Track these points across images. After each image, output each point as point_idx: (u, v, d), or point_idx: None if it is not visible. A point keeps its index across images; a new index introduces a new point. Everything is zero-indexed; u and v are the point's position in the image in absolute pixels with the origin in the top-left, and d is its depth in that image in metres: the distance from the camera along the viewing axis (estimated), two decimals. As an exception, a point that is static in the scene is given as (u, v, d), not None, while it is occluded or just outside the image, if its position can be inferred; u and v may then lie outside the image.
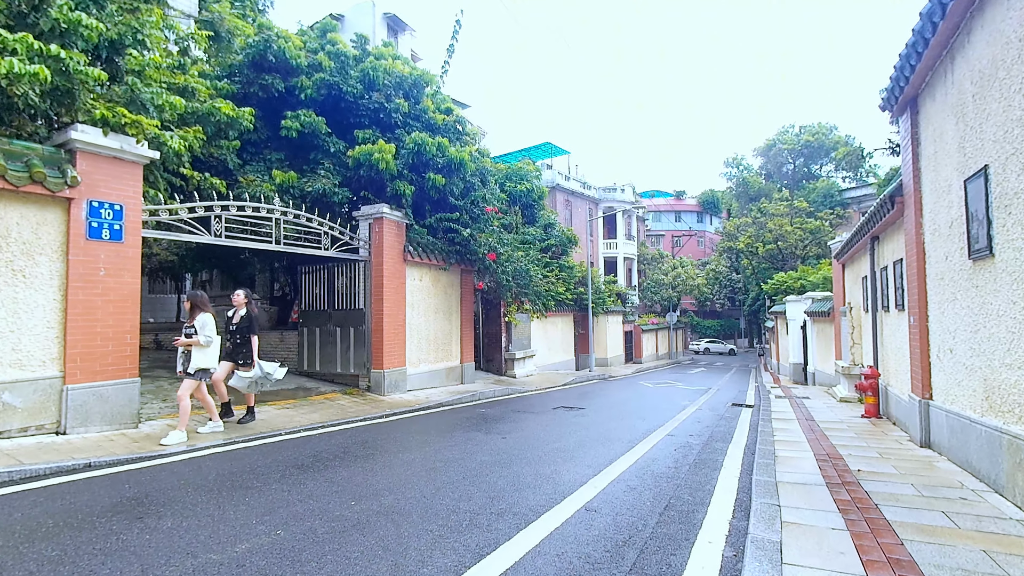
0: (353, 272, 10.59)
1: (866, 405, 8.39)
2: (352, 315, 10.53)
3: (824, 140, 54.06)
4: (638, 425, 8.34)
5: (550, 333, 20.45)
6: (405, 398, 10.15)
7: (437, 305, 12.09)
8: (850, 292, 12.44)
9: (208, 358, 6.07)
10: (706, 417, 9.53)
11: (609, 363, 27.32)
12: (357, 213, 10.50)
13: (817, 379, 16.64)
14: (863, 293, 10.40)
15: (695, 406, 11.38)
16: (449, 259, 11.96)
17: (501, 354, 16.67)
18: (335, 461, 5.42)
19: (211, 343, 6.03)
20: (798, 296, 20.36)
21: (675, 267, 42.88)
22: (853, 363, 11.06)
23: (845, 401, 10.94)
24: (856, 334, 11.06)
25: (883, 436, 6.68)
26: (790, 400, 11.55)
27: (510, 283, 12.48)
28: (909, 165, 6.04)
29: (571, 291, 21.40)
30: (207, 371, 6.13)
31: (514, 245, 12.87)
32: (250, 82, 10.43)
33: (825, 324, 15.59)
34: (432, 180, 10.62)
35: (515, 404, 10.75)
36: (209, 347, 6.04)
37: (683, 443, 6.86)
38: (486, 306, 17.07)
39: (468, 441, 6.67)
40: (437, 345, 12.03)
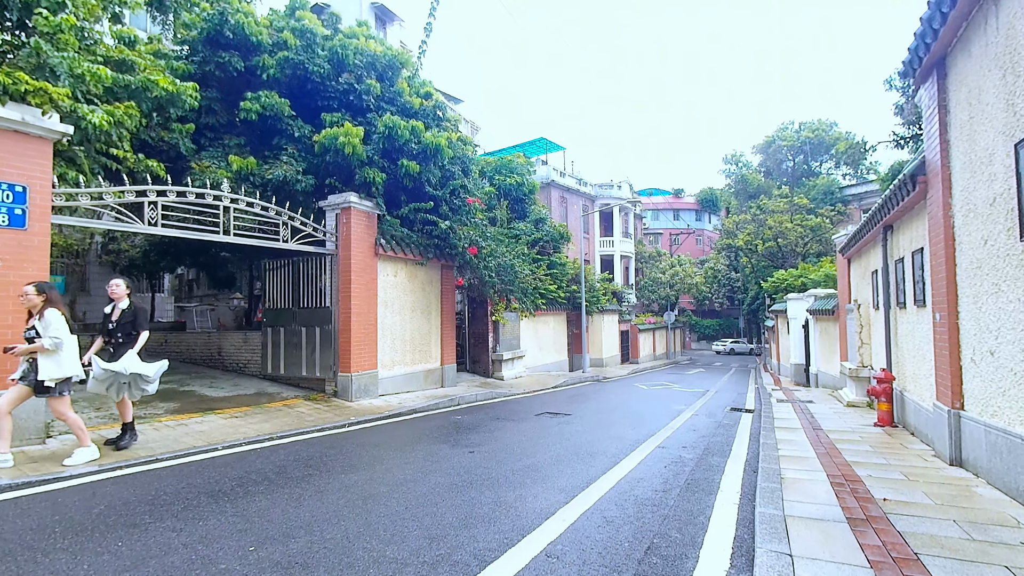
0: (320, 267, 9.75)
1: (879, 412, 7.57)
2: (318, 314, 9.69)
3: (824, 137, 53.25)
4: (627, 434, 7.51)
5: (541, 333, 19.62)
6: (375, 404, 9.32)
7: (414, 303, 11.25)
8: (857, 288, 11.62)
9: (61, 365, 4.88)
10: (702, 424, 8.70)
11: (604, 364, 26.49)
12: (323, 203, 9.66)
13: (820, 381, 15.83)
14: (873, 289, 9.58)
15: (691, 411, 10.56)
16: (427, 253, 11.12)
17: (488, 355, 15.83)
18: (261, 486, 4.58)
19: (60, 345, 4.83)
20: (800, 294, 19.55)
21: (673, 265, 42.05)
22: (861, 365, 10.24)
23: (853, 406, 10.12)
24: (865, 333, 10.25)
25: (903, 450, 5.86)
26: (793, 405, 10.73)
27: (493, 279, 11.64)
28: (935, 138, 5.21)
29: (563, 289, 20.57)
30: (68, 381, 5.00)
31: (498, 239, 12.03)
32: (206, 60, 9.58)
33: (829, 323, 14.77)
34: (405, 167, 9.77)
35: (496, 410, 9.92)
36: (59, 351, 4.85)
37: (675, 457, 6.03)
38: (472, 305, 16.24)
39: (428, 457, 5.84)
40: (414, 346, 11.19)
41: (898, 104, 21.65)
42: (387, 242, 10.22)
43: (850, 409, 9.78)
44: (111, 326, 5.56)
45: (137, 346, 5.50)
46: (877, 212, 7.95)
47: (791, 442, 6.46)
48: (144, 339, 5.62)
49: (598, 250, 39.92)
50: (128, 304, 5.66)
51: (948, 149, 5.06)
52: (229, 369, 11.01)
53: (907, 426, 7.16)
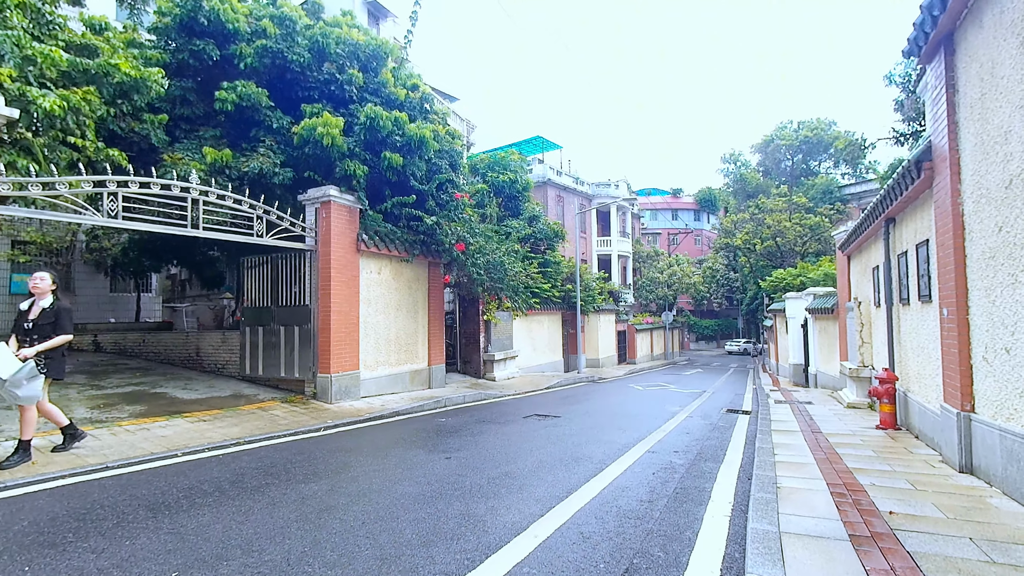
0: (299, 264, 9.37)
1: (881, 414, 7.20)
2: (298, 312, 9.31)
3: (823, 136, 53.00)
4: (616, 438, 7.14)
5: (535, 333, 19.25)
6: (356, 406, 8.93)
7: (399, 301, 10.87)
8: (857, 286, 11.27)
9: None
10: (696, 427, 8.33)
11: (601, 364, 26.13)
12: (302, 197, 9.28)
13: (819, 381, 15.46)
14: (874, 286, 9.22)
15: (685, 412, 10.19)
16: (413, 250, 10.74)
17: (479, 355, 15.45)
18: (210, 497, 4.20)
19: None
20: (798, 292, 19.20)
21: (671, 265, 41.70)
22: (862, 364, 9.87)
23: (853, 407, 9.75)
24: (865, 332, 9.89)
25: (908, 455, 5.49)
26: (791, 406, 10.36)
27: (482, 276, 11.27)
28: (943, 120, 4.85)
29: (558, 288, 20.20)
30: None
31: (487, 235, 11.65)
32: (180, 48, 9.21)
33: (828, 322, 14.41)
34: (388, 160, 9.40)
35: (483, 412, 9.54)
36: None
37: (665, 464, 5.66)
38: (464, 304, 15.87)
39: (401, 463, 5.46)
40: (399, 346, 10.81)
41: (898, 100, 21.32)
42: (370, 238, 9.85)
43: (851, 411, 9.42)
44: (27, 325, 4.95)
45: (37, 348, 4.85)
46: (878, 204, 7.59)
47: (789, 446, 6.08)
48: (58, 342, 4.98)
49: (595, 249, 39.57)
50: (51, 302, 5.05)
51: (957, 131, 4.69)
52: (207, 370, 10.63)
53: (911, 429, 6.79)
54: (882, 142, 23.03)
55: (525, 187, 19.71)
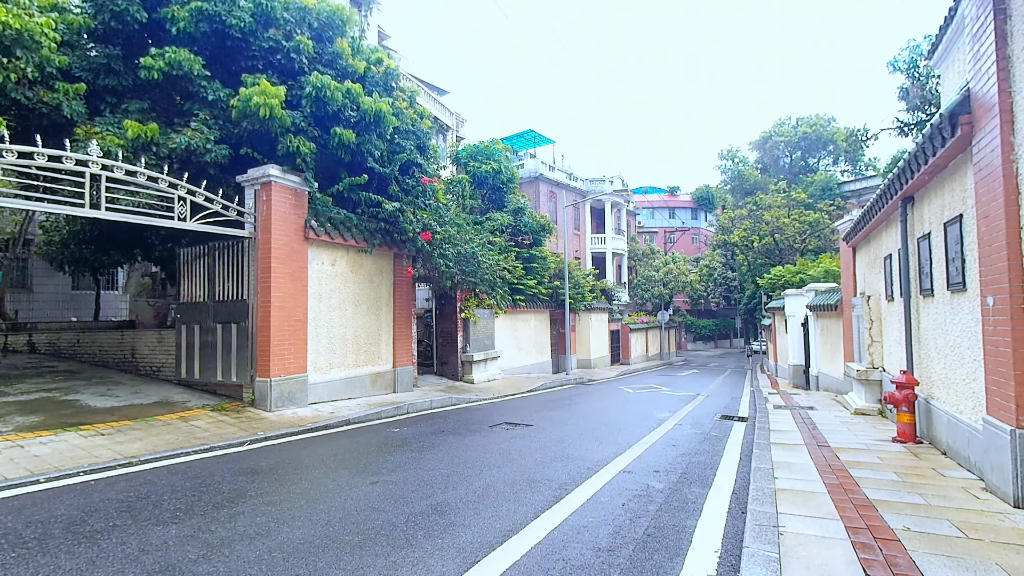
0: (239, 254, 8.31)
1: (899, 424, 6.16)
2: (235, 308, 8.24)
3: (822, 132, 52.07)
4: (589, 453, 6.09)
5: (521, 332, 18.20)
6: (300, 414, 7.87)
7: (358, 296, 9.80)
8: (865, 279, 10.24)
9: None
10: (685, 438, 7.28)
11: (593, 365, 25.09)
12: (241, 178, 8.22)
13: (821, 383, 14.44)
14: (886, 278, 8.19)
15: (675, 419, 9.15)
16: (373, 239, 9.68)
17: (457, 356, 14.39)
18: (18, 550, 3.14)
19: None
20: (798, 289, 18.18)
21: (667, 263, 40.68)
22: (871, 366, 8.84)
23: (861, 414, 8.71)
24: (875, 330, 8.85)
25: (940, 480, 4.45)
26: (792, 412, 9.33)
27: (451, 269, 10.20)
28: (989, 58, 3.81)
29: (545, 285, 19.15)
30: None
31: (457, 224, 10.58)
32: (102, 8, 8.14)
33: (831, 319, 13.39)
34: (339, 136, 8.33)
35: (447, 420, 8.49)
36: None
37: (640, 490, 4.61)
38: (440, 301, 14.81)
39: (310, 492, 4.40)
40: (358, 346, 9.75)
41: (902, 88, 20.31)
42: (321, 225, 8.78)
43: (859, 418, 8.38)
44: None
45: None
46: (894, 182, 6.55)
47: (791, 466, 5.04)
48: None
49: (589, 247, 38.51)
50: None
51: (1009, 68, 3.65)
52: (143, 373, 9.55)
53: (936, 443, 5.75)
54: (885, 133, 22.06)
55: (510, 178, 18.66)
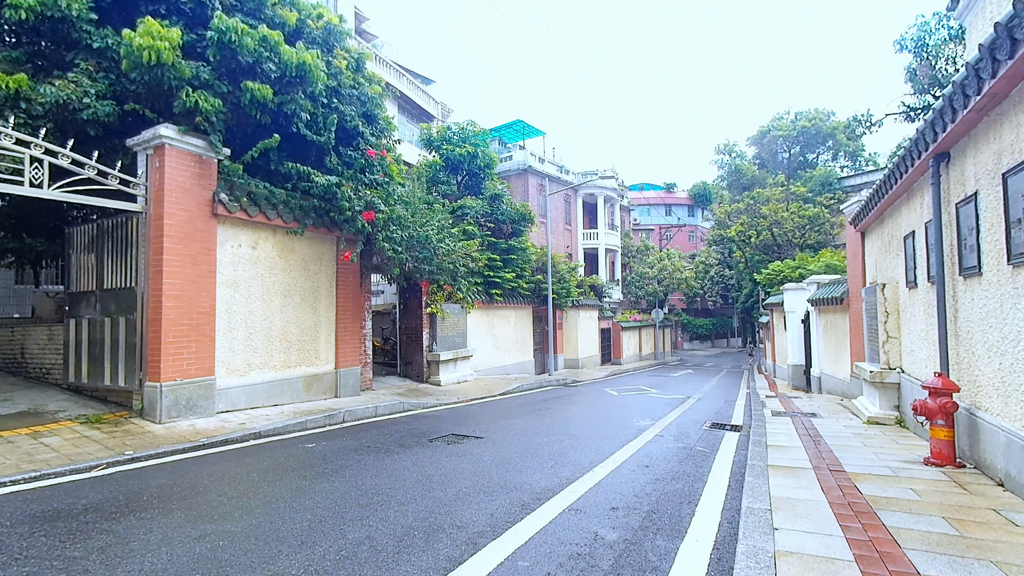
0: (128, 232, 6.92)
1: (932, 442, 4.80)
2: (123, 298, 6.86)
3: (821, 126, 50.83)
4: (536, 478, 4.73)
5: (499, 329, 16.81)
6: (200, 426, 6.48)
7: (289, 285, 8.42)
8: (877, 267, 8.89)
9: None
10: (664, 455, 5.92)
11: (581, 365, 23.74)
12: (131, 141, 6.83)
13: (824, 385, 13.10)
14: (906, 261, 6.83)
15: (657, 428, 7.80)
16: (305, 218, 8.30)
17: (422, 355, 13.01)
18: None
19: None
20: (798, 283, 16.83)
21: (661, 259, 39.31)
22: (886, 366, 7.49)
23: (876, 423, 7.36)
24: (891, 324, 7.50)
25: (1013, 531, 3.09)
26: (793, 420, 7.97)
27: (399, 255, 8.80)
28: None
29: (526, 279, 17.78)
30: None
31: (407, 203, 9.18)
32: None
33: (836, 314, 12.04)
34: (251, 93, 6.94)
35: (385, 431, 7.11)
36: None
37: (582, 543, 3.24)
38: (405, 294, 13.43)
39: (82, 560, 3.02)
40: (288, 344, 8.36)
41: (909, 68, 18.97)
42: (234, 199, 7.39)
43: (873, 428, 7.02)
44: None
45: None
46: (922, 137, 5.20)
47: (796, 505, 3.68)
48: None
49: (581, 243, 37.14)
50: None
51: None
52: (32, 376, 8.15)
53: (984, 467, 4.39)
54: (890, 119, 20.78)
55: (488, 164, 17.29)
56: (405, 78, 27.48)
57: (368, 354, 11.00)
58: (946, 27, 17.90)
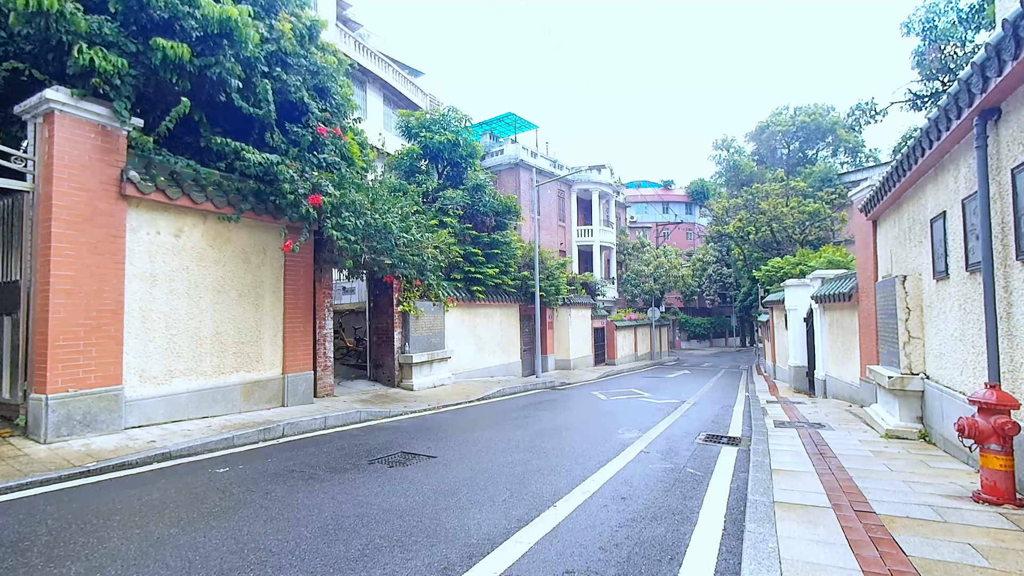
0: (15, 215, 5.87)
1: (984, 472, 3.77)
2: (7, 293, 5.81)
3: (821, 122, 49.92)
4: (479, 520, 3.71)
5: (481, 329, 15.77)
6: (97, 446, 5.44)
7: (223, 280, 7.37)
8: (893, 257, 7.86)
9: None
10: (647, 480, 4.89)
11: (573, 366, 22.72)
12: (19, 108, 5.78)
13: (830, 389, 12.09)
14: (934, 248, 5.81)
15: (644, 441, 6.78)
16: (241, 203, 7.26)
17: (394, 357, 11.97)
18: None
19: None
20: (800, 279, 15.83)
21: (658, 256, 38.28)
22: (908, 371, 6.47)
23: (896, 437, 6.35)
24: (913, 321, 6.47)
25: None
26: (799, 433, 6.94)
27: (353, 245, 7.76)
28: None
29: (511, 275, 16.74)
30: None
31: (362, 186, 8.11)
32: None
33: (843, 312, 11.03)
34: (164, 52, 5.89)
35: (322, 449, 6.08)
36: None
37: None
38: (375, 291, 12.39)
39: None
40: (222, 346, 7.32)
41: (917, 51, 17.97)
42: (149, 178, 6.33)
43: (895, 445, 6.00)
44: None
45: None
46: (964, 90, 4.18)
47: (818, 572, 2.65)
48: None
49: (575, 240, 36.09)
50: None
51: None
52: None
53: (1056, 510, 3.37)
54: (895, 107, 19.81)
55: (471, 153, 16.24)
56: (391, 68, 26.46)
57: (329, 357, 9.97)
58: (955, 9, 16.89)
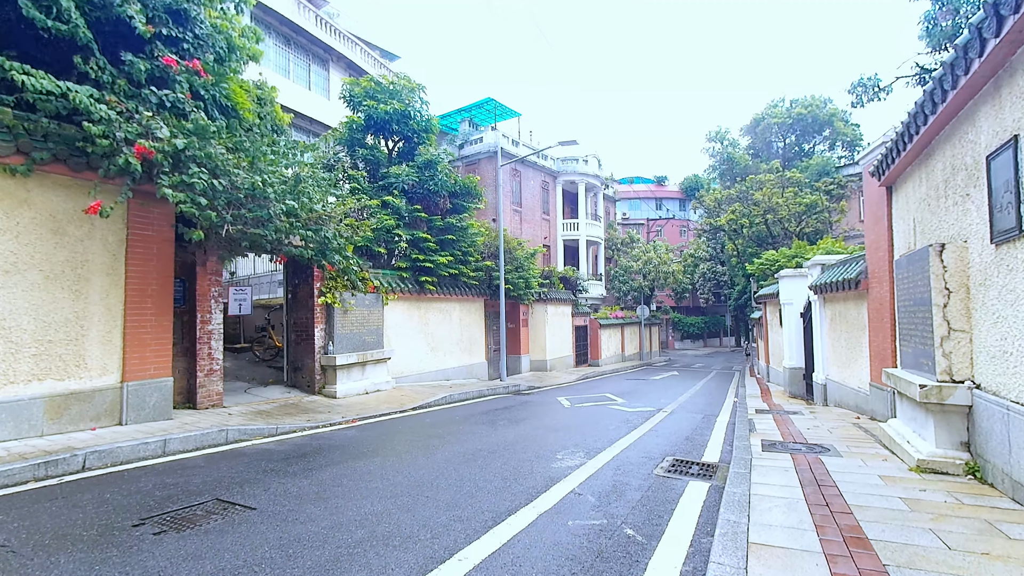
0: None
1: None
2: None
3: (818, 113, 48.28)
4: None
5: (435, 326, 13.85)
6: None
7: (15, 256, 5.44)
8: (919, 227, 5.98)
9: None
10: (553, 552, 2.98)
11: (550, 367, 20.84)
12: None
13: (831, 395, 10.23)
14: (995, 198, 3.94)
15: (584, 473, 4.92)
16: (39, 151, 5.33)
17: (314, 358, 10.04)
18: None
19: None
20: (796, 269, 13.97)
21: (647, 252, 36.40)
22: (948, 376, 4.59)
23: (932, 471, 4.48)
24: (956, 308, 4.60)
25: None
26: (795, 460, 5.07)
27: (206, 211, 5.81)
28: None
29: (471, 266, 14.82)
30: None
31: (203, 131, 6.11)
32: None
33: (848, 303, 9.17)
34: None
35: (104, 495, 4.19)
36: None
37: None
38: (294, 279, 10.46)
39: None
40: (14, 347, 5.39)
41: (927, 16, 16.16)
42: None
43: (933, 484, 4.11)
44: None
45: None
46: None
47: None
48: None
49: (560, 234, 34.21)
50: None
51: None
52: None
53: None
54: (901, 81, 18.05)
55: (426, 128, 14.32)
56: (359, 48, 24.62)
57: (216, 359, 8.06)
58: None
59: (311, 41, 21.46)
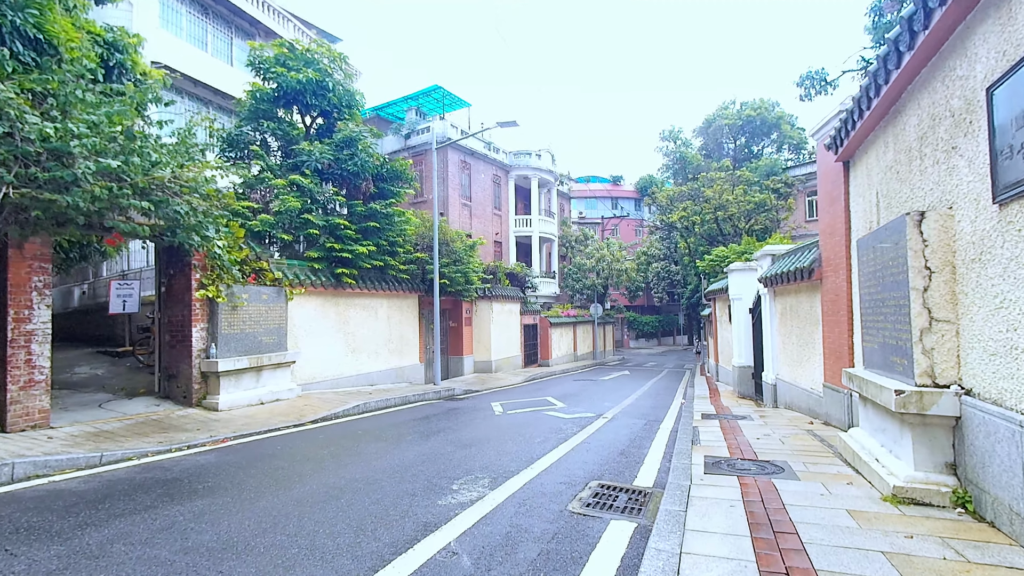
0: None
1: None
2: None
3: (767, 116, 49.52)
4: None
5: (356, 325, 12.30)
6: None
7: None
8: (884, 201, 5.06)
9: None
10: None
11: (495, 368, 19.58)
12: None
13: (782, 396, 9.44)
14: (1000, 139, 2.94)
15: (476, 514, 3.65)
16: None
17: (191, 364, 8.36)
18: None
19: None
20: (745, 263, 13.28)
21: (600, 249, 35.78)
22: (930, 380, 3.59)
23: (912, 501, 3.46)
24: (939, 292, 3.61)
25: None
26: (744, 487, 3.98)
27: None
28: None
29: (400, 258, 13.35)
30: None
31: (56, 93, 4.39)
32: None
33: (800, 296, 8.35)
34: None
35: None
36: None
37: None
38: (169, 268, 8.73)
39: None
40: None
41: (874, 8, 15.93)
42: None
43: (916, 519, 3.07)
44: None
45: None
46: None
47: None
48: None
49: (512, 230, 33.05)
50: None
51: None
52: None
53: None
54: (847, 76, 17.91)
55: (349, 103, 12.74)
56: (293, 23, 22.59)
57: (40, 367, 6.34)
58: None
59: (233, 12, 19.35)
